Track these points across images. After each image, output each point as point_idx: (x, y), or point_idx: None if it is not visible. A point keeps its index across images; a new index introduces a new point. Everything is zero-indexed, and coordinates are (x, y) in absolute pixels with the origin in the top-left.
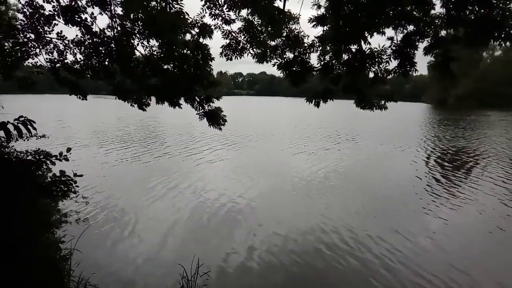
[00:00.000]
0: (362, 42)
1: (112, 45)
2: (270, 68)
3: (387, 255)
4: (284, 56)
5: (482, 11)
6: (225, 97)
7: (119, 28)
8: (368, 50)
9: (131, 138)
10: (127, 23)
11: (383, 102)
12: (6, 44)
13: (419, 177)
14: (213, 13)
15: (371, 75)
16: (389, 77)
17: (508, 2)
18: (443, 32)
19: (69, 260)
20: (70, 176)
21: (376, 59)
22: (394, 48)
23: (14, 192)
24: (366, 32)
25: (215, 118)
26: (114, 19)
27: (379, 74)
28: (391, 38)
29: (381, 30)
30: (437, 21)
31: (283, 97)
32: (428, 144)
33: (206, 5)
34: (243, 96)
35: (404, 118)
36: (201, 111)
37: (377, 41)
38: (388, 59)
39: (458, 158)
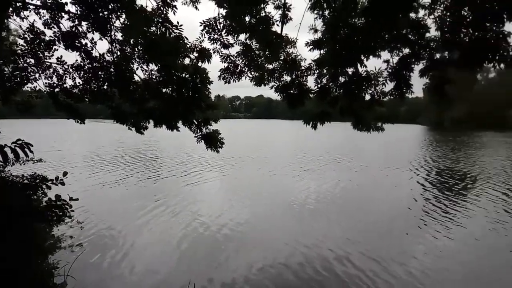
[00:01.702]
0: (359, 65)
1: (111, 69)
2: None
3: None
4: (282, 79)
5: (477, 34)
6: (222, 120)
7: (118, 53)
8: (365, 73)
9: (127, 161)
10: (127, 48)
11: (380, 124)
12: (6, 69)
13: (415, 199)
14: (212, 37)
15: (368, 97)
16: (385, 99)
17: (501, 26)
18: (438, 55)
19: (63, 287)
20: (66, 200)
21: (373, 82)
22: (390, 70)
23: (9, 218)
24: (362, 55)
25: (213, 141)
26: (114, 44)
27: (376, 96)
28: (387, 61)
29: (377, 53)
30: (432, 44)
31: (281, 119)
32: (422, 166)
33: (205, 30)
34: (241, 119)
35: (400, 140)
36: (198, 134)
37: (373, 64)
38: (384, 82)
39: (451, 179)
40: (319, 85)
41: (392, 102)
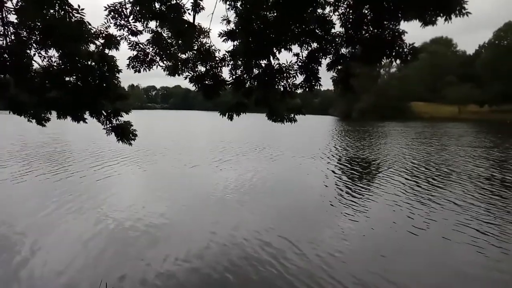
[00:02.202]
0: (271, 58)
1: (5, 55)
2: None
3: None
4: (196, 70)
5: (376, 31)
6: (138, 111)
7: (13, 37)
8: (277, 65)
9: (37, 156)
10: (22, 32)
11: (292, 115)
12: None
13: (325, 185)
14: (118, 23)
15: (281, 89)
16: (298, 91)
17: (397, 24)
18: (343, 50)
19: None
20: None
21: (285, 74)
22: (300, 64)
23: None
24: (274, 48)
25: (124, 133)
26: (7, 27)
27: (288, 89)
28: (297, 54)
29: (288, 47)
30: (337, 39)
31: (198, 110)
32: (333, 155)
33: (111, 15)
34: (157, 110)
35: (312, 130)
36: (108, 126)
37: (285, 57)
38: (295, 74)
39: (358, 166)
40: (233, 76)
41: (306, 94)
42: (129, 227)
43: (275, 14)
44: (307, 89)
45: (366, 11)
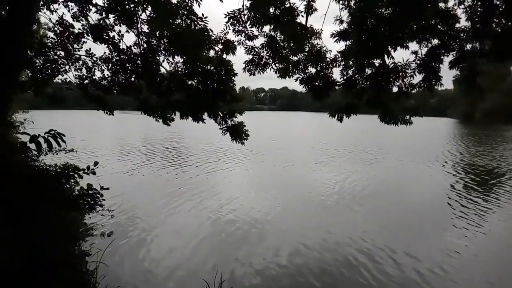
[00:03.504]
0: (386, 57)
1: (139, 61)
2: (292, 83)
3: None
4: (307, 71)
5: (510, 24)
6: (247, 112)
7: (145, 45)
8: (392, 65)
9: (156, 151)
10: (153, 40)
11: (408, 117)
12: (37, 61)
13: (446, 193)
14: (236, 29)
15: (395, 89)
16: (413, 91)
17: None
18: (468, 46)
19: (95, 273)
20: (97, 189)
21: (400, 73)
22: (418, 62)
23: (44, 205)
24: (389, 47)
25: (238, 133)
26: (140, 37)
27: (404, 89)
28: (415, 52)
29: (404, 44)
30: (462, 34)
31: (306, 112)
32: (453, 160)
33: (230, 22)
34: (265, 111)
35: (430, 133)
36: (224, 126)
37: (401, 55)
38: (412, 73)
39: (483, 175)
40: (345, 77)
41: (421, 94)
42: (243, 222)
43: (391, 10)
44: (426, 89)
45: (498, 2)
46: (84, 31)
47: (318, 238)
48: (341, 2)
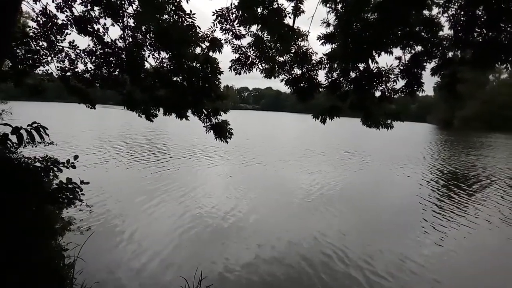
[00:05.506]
0: (370, 61)
1: (123, 55)
2: (276, 84)
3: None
4: (292, 72)
5: (490, 34)
6: (231, 111)
7: (130, 40)
8: (376, 69)
9: (136, 147)
10: (138, 34)
11: (389, 121)
12: (18, 51)
13: (421, 197)
14: (224, 27)
15: (378, 93)
16: (396, 96)
17: None
18: (450, 54)
19: (72, 268)
20: (77, 183)
21: (384, 78)
22: (401, 67)
23: (20, 198)
24: (374, 51)
25: (222, 131)
26: (126, 31)
27: (386, 93)
28: (399, 58)
29: (389, 50)
30: (445, 42)
31: (289, 112)
32: (431, 165)
33: (218, 20)
34: (249, 111)
35: (410, 138)
36: (208, 124)
37: (385, 61)
38: (395, 79)
39: (462, 181)
40: (329, 79)
41: (402, 99)
42: (223, 219)
43: (376, 16)
44: (408, 94)
45: (480, 13)
46: (68, 22)
47: (299, 239)
48: (328, 5)
